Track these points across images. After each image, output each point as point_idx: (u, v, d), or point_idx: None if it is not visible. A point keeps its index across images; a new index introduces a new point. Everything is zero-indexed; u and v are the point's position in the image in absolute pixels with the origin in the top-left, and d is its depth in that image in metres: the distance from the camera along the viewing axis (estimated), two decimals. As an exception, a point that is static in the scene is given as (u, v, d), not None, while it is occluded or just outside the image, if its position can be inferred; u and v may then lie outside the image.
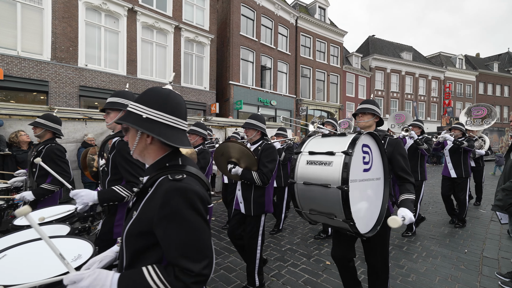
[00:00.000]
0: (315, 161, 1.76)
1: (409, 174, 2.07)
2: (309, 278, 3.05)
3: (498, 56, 35.83)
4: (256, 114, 2.82)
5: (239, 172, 2.57)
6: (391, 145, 2.14)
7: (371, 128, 2.27)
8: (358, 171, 1.71)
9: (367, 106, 2.26)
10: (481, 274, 3.17)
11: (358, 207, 1.70)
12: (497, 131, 23.00)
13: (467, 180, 4.85)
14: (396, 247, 3.94)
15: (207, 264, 0.89)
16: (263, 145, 2.68)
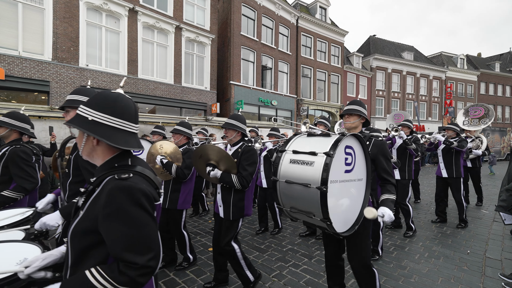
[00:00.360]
0: (297, 160, 1.79)
1: (390, 176, 2.11)
2: (310, 278, 3.03)
3: (499, 56, 35.73)
4: (237, 114, 2.71)
5: (218, 175, 2.50)
6: (376, 146, 2.17)
7: (357, 129, 2.28)
8: (339, 172, 1.75)
9: (353, 107, 2.26)
10: (484, 275, 3.15)
11: (337, 207, 1.74)
12: (498, 131, 22.90)
13: (459, 180, 4.85)
14: (398, 248, 3.92)
15: (152, 256, 0.94)
16: (243, 147, 2.59)
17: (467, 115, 7.11)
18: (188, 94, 13.50)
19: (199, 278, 3.03)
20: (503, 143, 23.05)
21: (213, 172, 2.49)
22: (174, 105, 13.13)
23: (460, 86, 30.63)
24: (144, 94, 11.91)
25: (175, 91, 13.01)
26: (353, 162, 1.86)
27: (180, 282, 2.96)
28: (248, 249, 3.88)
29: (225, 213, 2.58)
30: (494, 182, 10.28)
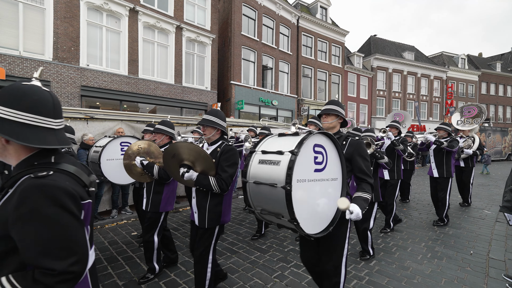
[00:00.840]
0: (266, 160, 1.75)
1: (367, 175, 2.05)
2: (312, 279, 3.00)
3: (501, 55, 35.66)
4: (216, 109, 2.45)
5: (193, 177, 2.22)
6: (352, 145, 2.12)
7: (334, 129, 2.24)
8: (307, 171, 1.70)
9: (330, 107, 2.24)
10: (488, 276, 3.12)
11: (305, 207, 1.70)
12: (500, 131, 22.83)
13: (448, 180, 4.89)
14: (400, 248, 3.89)
15: (75, 261, 0.86)
16: (222, 146, 2.33)
17: (462, 115, 7.37)
18: (189, 94, 13.49)
19: (200, 279, 3.01)
20: (504, 143, 22.99)
21: (187, 174, 2.21)
22: (175, 105, 13.11)
23: (461, 86, 30.57)
24: (144, 94, 11.90)
25: (176, 91, 12.99)
26: (324, 161, 1.81)
27: (181, 282, 2.94)
28: (249, 249, 3.85)
29: (200, 220, 2.32)
30: (496, 183, 10.24)
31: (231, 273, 3.15)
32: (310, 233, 1.71)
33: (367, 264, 3.38)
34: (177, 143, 2.25)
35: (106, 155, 3.80)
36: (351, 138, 2.17)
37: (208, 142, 2.45)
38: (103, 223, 5.00)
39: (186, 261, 3.46)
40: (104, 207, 5.38)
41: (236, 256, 3.62)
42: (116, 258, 3.54)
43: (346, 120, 2.30)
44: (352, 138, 2.18)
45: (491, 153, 21.59)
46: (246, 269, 3.25)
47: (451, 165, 4.89)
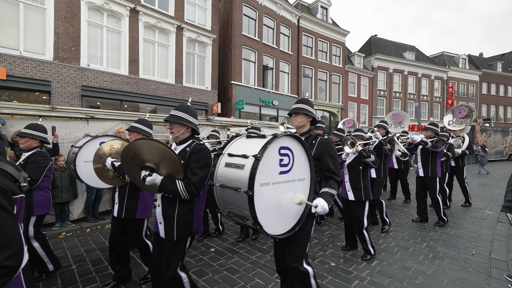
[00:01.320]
0: (231, 164, 1.74)
1: (335, 174, 2.08)
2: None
3: (501, 55, 35.61)
4: (186, 105, 2.16)
5: (157, 182, 1.89)
6: (321, 145, 2.14)
7: (304, 128, 2.26)
8: (272, 174, 1.72)
9: (299, 106, 2.23)
10: (490, 276, 3.10)
11: (270, 210, 1.71)
12: (501, 131, 22.78)
13: (435, 179, 4.94)
14: (401, 249, 3.88)
15: (9, 255, 0.87)
16: (192, 145, 2.04)
17: (453, 116, 7.61)
18: (189, 94, 13.48)
19: (201, 279, 3.00)
20: (505, 143, 22.95)
21: (150, 178, 1.87)
22: (175, 105, 13.04)
23: (461, 86, 30.53)
24: (145, 94, 11.90)
25: (176, 91, 12.99)
26: (290, 163, 1.83)
27: (182, 283, 2.92)
28: (250, 249, 3.84)
29: (167, 232, 2.00)
30: (497, 183, 10.21)
31: (232, 273, 3.14)
32: (275, 234, 1.74)
33: (369, 265, 3.37)
34: (138, 141, 1.90)
35: (83, 157, 3.50)
36: (320, 138, 2.19)
37: (176, 141, 2.17)
38: (104, 223, 4.99)
39: (187, 261, 3.45)
40: (104, 207, 5.38)
41: (237, 256, 3.61)
42: (116, 258, 3.53)
43: (315, 118, 2.31)
44: (321, 137, 2.19)
45: (492, 153, 21.56)
46: (247, 269, 3.24)
47: (437, 165, 4.95)
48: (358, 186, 3.54)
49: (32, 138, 2.89)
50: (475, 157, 19.83)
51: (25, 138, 2.87)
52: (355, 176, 3.56)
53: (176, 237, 1.99)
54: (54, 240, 4.28)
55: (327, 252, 3.74)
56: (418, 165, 5.12)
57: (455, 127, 7.27)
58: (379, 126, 5.11)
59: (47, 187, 3.02)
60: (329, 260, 3.48)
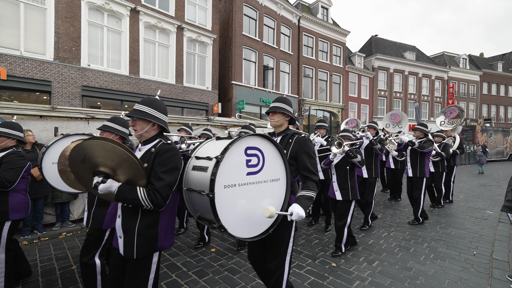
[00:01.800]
0: (197, 167, 1.69)
1: (312, 173, 2.02)
2: (315, 280, 2.99)
3: (502, 56, 35.57)
4: (152, 98, 1.86)
5: (113, 189, 1.56)
6: (298, 143, 2.09)
7: (282, 127, 2.22)
8: (238, 175, 1.67)
9: (277, 104, 2.19)
10: (491, 277, 3.09)
11: (237, 212, 1.66)
12: (501, 131, 22.76)
13: (422, 179, 4.98)
14: (402, 249, 3.87)
15: None
16: (159, 146, 1.74)
17: (445, 117, 7.90)
18: (190, 94, 13.48)
19: (201, 280, 3.00)
20: (506, 144, 22.91)
21: (103, 186, 1.55)
22: (176, 105, 13.11)
23: (462, 86, 30.50)
24: (145, 94, 11.90)
25: (177, 91, 12.99)
26: (260, 163, 1.78)
27: (182, 283, 2.92)
28: (251, 250, 3.83)
29: (127, 248, 1.67)
30: (498, 183, 10.19)
31: (232, 274, 3.13)
32: (245, 236, 1.69)
33: (370, 265, 3.36)
34: (88, 141, 1.56)
35: (52, 157, 3.02)
36: (297, 136, 2.14)
37: (140, 141, 1.85)
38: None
39: (187, 261, 3.45)
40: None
41: (237, 256, 3.60)
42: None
43: (293, 118, 2.27)
44: (298, 136, 2.14)
45: (493, 153, 21.52)
46: (248, 269, 3.23)
47: (425, 165, 4.99)
48: (346, 186, 3.59)
49: (8, 138, 2.70)
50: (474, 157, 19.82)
51: (0, 138, 2.68)
52: (342, 176, 3.61)
53: (136, 255, 1.65)
54: (54, 240, 4.29)
55: (328, 253, 3.73)
56: (408, 166, 5.19)
57: (446, 127, 7.50)
58: (369, 127, 5.21)
59: (25, 189, 2.81)
60: (330, 261, 3.47)
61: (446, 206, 6.46)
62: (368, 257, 3.60)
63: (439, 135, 6.29)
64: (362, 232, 4.61)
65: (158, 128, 1.85)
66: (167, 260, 3.48)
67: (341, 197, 3.59)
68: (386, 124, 8.31)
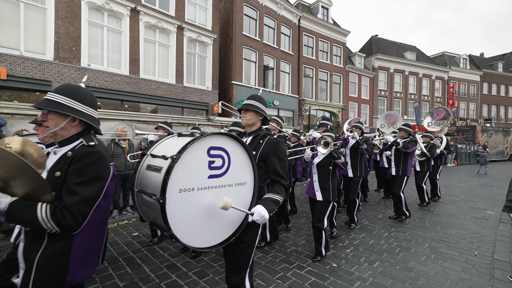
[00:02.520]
0: (152, 166, 1.53)
1: (281, 177, 1.88)
2: (315, 280, 2.97)
3: (502, 56, 35.55)
4: (72, 86, 1.44)
5: (2, 207, 1.16)
6: (268, 145, 1.96)
7: (254, 127, 2.08)
8: (198, 178, 1.50)
9: (250, 102, 2.05)
10: (493, 277, 3.08)
11: (196, 218, 1.50)
12: (502, 131, 22.73)
13: (403, 178, 5.16)
14: (403, 249, 3.85)
15: None
16: (77, 149, 1.33)
17: (432, 118, 8.15)
18: (190, 94, 13.47)
19: (201, 280, 2.98)
20: (506, 144, 22.89)
21: None
22: (176, 105, 13.10)
23: (462, 86, 30.48)
24: (145, 94, 11.89)
25: (177, 91, 12.98)
26: (225, 165, 1.62)
27: (182, 284, 2.91)
28: (251, 250, 3.82)
29: (23, 284, 1.24)
30: (498, 183, 10.18)
31: (233, 274, 3.12)
32: (202, 246, 1.55)
33: (371, 265, 3.34)
34: None
35: None
36: (268, 137, 2.00)
37: (56, 141, 1.42)
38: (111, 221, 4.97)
39: (187, 262, 3.43)
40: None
41: (238, 256, 3.59)
42: (117, 259, 3.51)
43: (267, 117, 2.13)
44: (270, 137, 2.01)
45: (493, 153, 21.50)
46: (248, 270, 3.22)
47: (408, 165, 5.16)
48: (327, 186, 3.50)
49: None
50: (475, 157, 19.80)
51: None
52: (324, 177, 3.53)
53: None
54: None
55: (329, 253, 3.72)
56: (392, 164, 5.36)
57: (434, 128, 7.74)
58: (355, 127, 5.26)
59: None
60: (331, 261, 3.46)
61: (446, 206, 6.45)
62: (369, 257, 3.58)
63: (427, 135, 6.44)
64: (362, 232, 4.59)
65: (81, 125, 1.42)
66: (167, 260, 3.47)
67: (321, 197, 3.50)
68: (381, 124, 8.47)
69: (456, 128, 22.04)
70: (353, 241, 4.19)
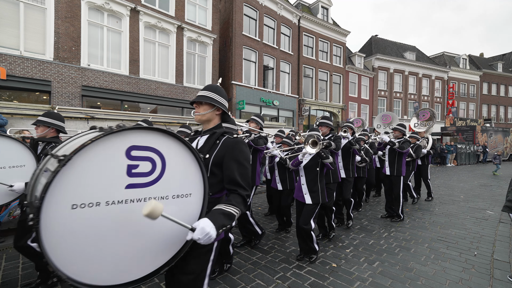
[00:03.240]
0: (47, 169, 1.12)
1: (240, 186, 1.46)
2: (315, 281, 2.98)
3: (502, 56, 35.56)
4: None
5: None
6: (226, 146, 1.55)
7: (211, 123, 1.67)
8: (107, 189, 1.07)
9: (203, 93, 1.65)
10: (492, 277, 3.08)
11: (100, 247, 1.05)
12: (501, 131, 22.76)
13: (400, 178, 5.18)
14: (403, 249, 3.85)
15: None
16: None
17: (418, 118, 8.27)
18: (190, 94, 13.47)
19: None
20: (506, 144, 22.91)
21: None
22: (176, 105, 13.10)
23: (462, 86, 30.49)
24: (145, 94, 11.89)
25: (177, 91, 12.98)
26: (156, 171, 1.20)
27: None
28: (251, 250, 3.82)
29: None
30: (498, 183, 10.19)
31: (232, 274, 3.12)
32: (115, 283, 1.11)
33: (370, 266, 3.35)
34: None
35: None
36: (227, 137, 1.60)
37: None
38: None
39: (187, 262, 3.43)
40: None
41: (237, 257, 3.59)
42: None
43: (226, 112, 1.71)
44: (229, 136, 1.61)
45: (492, 153, 21.53)
46: (248, 270, 3.22)
47: (402, 165, 5.21)
48: (315, 188, 3.35)
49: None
50: (474, 157, 19.79)
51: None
52: (312, 178, 3.36)
53: None
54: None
55: (329, 253, 3.72)
56: (385, 164, 5.37)
57: (420, 128, 7.93)
58: (347, 127, 5.24)
59: None
60: (331, 261, 3.46)
61: (446, 206, 6.45)
62: (369, 257, 3.58)
63: (414, 136, 6.52)
64: (362, 232, 4.59)
65: None
66: (167, 260, 3.46)
67: (310, 200, 3.33)
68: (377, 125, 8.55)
69: (456, 128, 22.06)
70: (353, 241, 4.19)
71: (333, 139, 4.05)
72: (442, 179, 11.29)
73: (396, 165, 5.21)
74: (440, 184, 9.90)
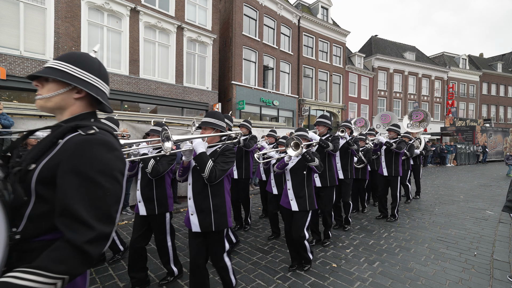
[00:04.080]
0: None
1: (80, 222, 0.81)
2: (315, 281, 2.98)
3: (502, 56, 35.60)
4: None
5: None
6: (65, 150, 0.90)
7: (65, 114, 1.07)
8: None
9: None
10: (492, 277, 3.09)
11: None
12: (501, 131, 22.78)
13: (397, 178, 5.24)
14: (403, 249, 3.86)
15: None
16: None
17: (411, 119, 8.27)
18: (190, 94, 13.47)
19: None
20: (505, 144, 22.93)
21: None
22: (176, 105, 13.09)
23: (462, 86, 30.51)
24: (145, 94, 11.88)
25: (177, 91, 12.98)
26: None
27: (182, 284, 2.91)
28: (252, 250, 3.83)
29: None
30: (498, 183, 10.20)
31: (233, 274, 3.12)
32: None
33: (370, 266, 3.35)
34: None
35: None
36: (72, 136, 0.95)
37: None
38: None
39: (187, 262, 3.43)
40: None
41: (238, 257, 3.60)
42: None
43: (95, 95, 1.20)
44: (80, 133, 0.94)
45: (492, 154, 21.54)
46: (248, 270, 3.23)
47: (399, 165, 5.23)
48: (302, 194, 3.08)
49: None
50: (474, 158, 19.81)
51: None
52: (299, 183, 3.10)
53: None
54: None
55: (329, 253, 3.72)
56: (382, 165, 5.34)
57: (413, 129, 7.97)
58: (345, 127, 5.06)
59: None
60: (331, 261, 3.47)
61: (446, 206, 6.46)
62: (369, 257, 3.59)
63: (406, 135, 6.57)
64: (362, 232, 4.60)
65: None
66: (167, 260, 3.46)
67: (297, 207, 3.05)
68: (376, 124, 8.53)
69: (456, 128, 22.08)
70: (353, 241, 4.19)
71: (331, 139, 3.90)
72: (442, 179, 11.30)
73: (394, 165, 5.21)
74: (440, 184, 9.91)
